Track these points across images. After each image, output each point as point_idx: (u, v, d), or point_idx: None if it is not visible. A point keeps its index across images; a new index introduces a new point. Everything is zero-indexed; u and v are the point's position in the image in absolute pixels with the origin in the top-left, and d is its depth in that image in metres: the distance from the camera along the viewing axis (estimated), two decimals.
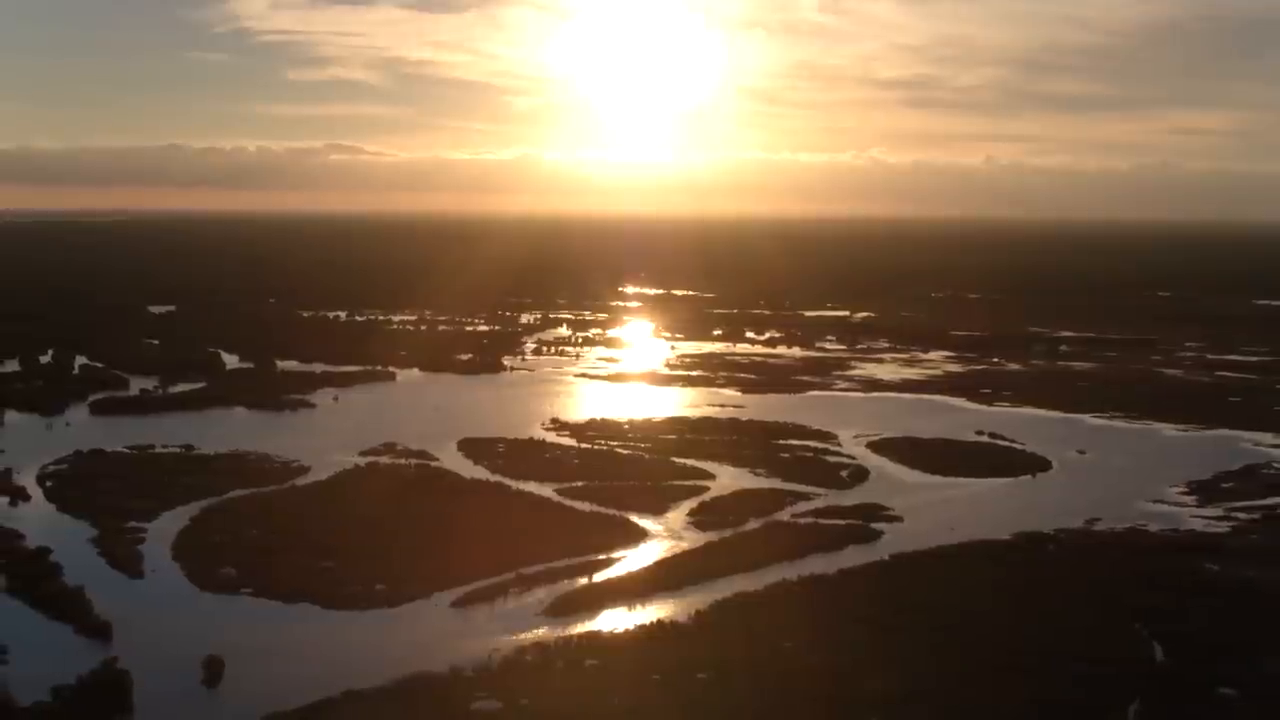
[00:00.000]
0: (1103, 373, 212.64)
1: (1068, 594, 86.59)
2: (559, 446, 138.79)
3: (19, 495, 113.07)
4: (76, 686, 66.78)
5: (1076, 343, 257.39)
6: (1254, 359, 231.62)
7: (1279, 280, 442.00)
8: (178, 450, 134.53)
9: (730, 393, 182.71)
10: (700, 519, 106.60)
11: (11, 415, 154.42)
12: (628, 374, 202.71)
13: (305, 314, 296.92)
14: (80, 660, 71.20)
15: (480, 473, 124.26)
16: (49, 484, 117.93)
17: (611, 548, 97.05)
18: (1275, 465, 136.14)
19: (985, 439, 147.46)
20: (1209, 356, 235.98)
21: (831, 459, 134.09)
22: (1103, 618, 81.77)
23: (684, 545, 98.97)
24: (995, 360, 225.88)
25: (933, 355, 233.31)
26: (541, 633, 77.51)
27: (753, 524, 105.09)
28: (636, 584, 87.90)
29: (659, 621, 79.46)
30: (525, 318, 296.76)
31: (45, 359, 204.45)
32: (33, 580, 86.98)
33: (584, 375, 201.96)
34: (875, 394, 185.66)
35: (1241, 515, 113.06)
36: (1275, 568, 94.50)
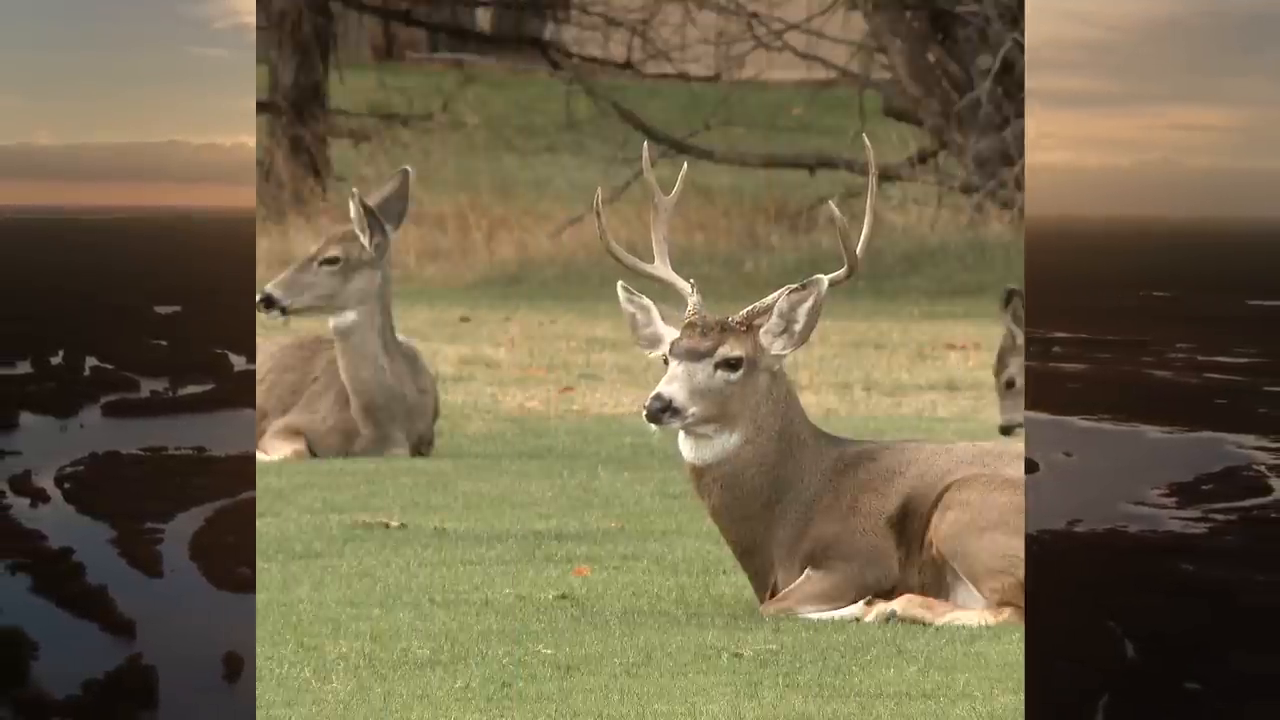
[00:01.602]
0: (1093, 374, 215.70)
1: (1049, 594, 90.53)
2: None
3: (39, 497, 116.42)
4: (105, 682, 70.43)
5: (1070, 343, 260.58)
6: (1243, 360, 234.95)
7: (1275, 279, 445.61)
8: (190, 452, 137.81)
9: None
10: None
11: (26, 417, 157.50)
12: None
13: None
14: (106, 657, 74.71)
15: None
16: (67, 485, 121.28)
17: None
18: (1255, 467, 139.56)
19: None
20: (1199, 358, 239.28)
21: None
22: (1081, 617, 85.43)
23: None
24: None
25: None
26: None
27: None
28: None
29: None
30: None
31: (56, 360, 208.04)
32: (57, 580, 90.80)
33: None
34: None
35: (1219, 517, 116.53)
36: (1248, 568, 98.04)
